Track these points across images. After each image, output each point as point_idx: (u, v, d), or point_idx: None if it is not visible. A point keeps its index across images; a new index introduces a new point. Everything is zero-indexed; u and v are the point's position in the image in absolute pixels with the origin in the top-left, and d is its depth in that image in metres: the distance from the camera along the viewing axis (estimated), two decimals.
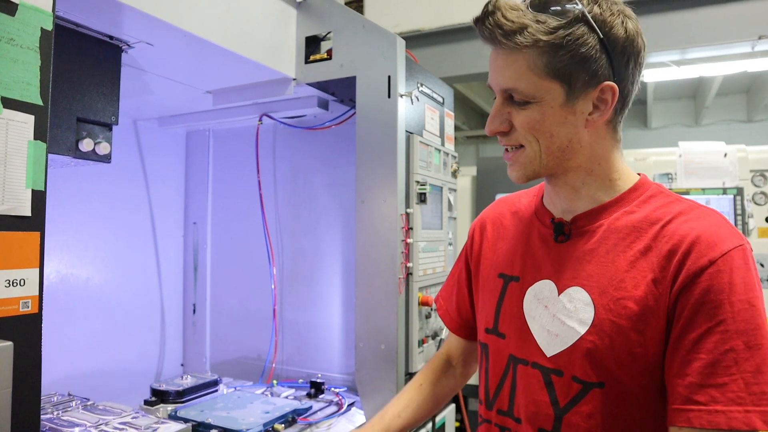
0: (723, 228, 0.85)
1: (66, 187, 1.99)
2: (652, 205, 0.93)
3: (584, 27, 0.84)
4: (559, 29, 0.84)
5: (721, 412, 0.77)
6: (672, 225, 0.88)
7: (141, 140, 2.35)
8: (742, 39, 2.85)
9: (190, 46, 1.53)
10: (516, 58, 0.86)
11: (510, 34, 0.85)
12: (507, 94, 0.91)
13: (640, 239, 0.89)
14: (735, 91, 5.60)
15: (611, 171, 0.96)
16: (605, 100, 0.89)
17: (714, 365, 0.78)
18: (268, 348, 2.31)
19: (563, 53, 0.84)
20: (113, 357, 2.17)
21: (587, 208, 0.97)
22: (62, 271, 1.99)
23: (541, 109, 0.88)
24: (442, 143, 2.07)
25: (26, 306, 0.80)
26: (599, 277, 0.90)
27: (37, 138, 0.82)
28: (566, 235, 0.98)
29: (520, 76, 0.87)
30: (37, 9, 0.82)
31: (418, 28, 3.46)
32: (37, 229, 0.82)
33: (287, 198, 2.36)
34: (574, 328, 0.90)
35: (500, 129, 0.93)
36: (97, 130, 1.47)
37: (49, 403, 1.60)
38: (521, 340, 0.99)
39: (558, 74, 0.86)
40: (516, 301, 1.02)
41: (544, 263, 0.99)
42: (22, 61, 0.80)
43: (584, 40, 0.84)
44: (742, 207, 3.01)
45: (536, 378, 0.95)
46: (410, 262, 1.74)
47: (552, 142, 0.91)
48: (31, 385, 0.82)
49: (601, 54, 0.86)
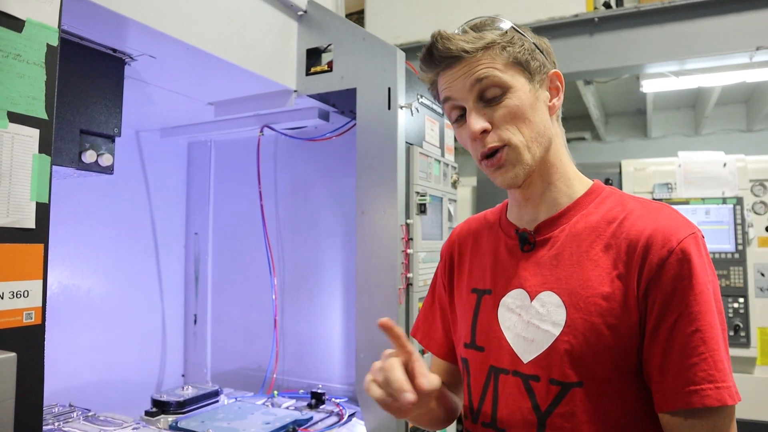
0: (674, 220, 0.91)
1: (68, 198, 2.00)
2: (607, 205, 0.98)
3: (517, 33, 0.98)
4: (505, 33, 0.96)
5: (695, 392, 0.82)
6: (628, 221, 0.93)
7: (143, 151, 2.36)
8: (741, 50, 2.87)
9: (192, 59, 1.55)
10: (480, 58, 0.94)
11: (471, 42, 0.94)
12: (478, 93, 0.95)
13: (600, 238, 0.94)
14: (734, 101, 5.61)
15: (569, 168, 1.03)
16: (557, 86, 1.01)
17: (685, 348, 0.83)
18: (268, 359, 2.31)
19: (515, 47, 0.95)
20: (114, 367, 2.17)
21: (548, 215, 1.01)
22: (64, 282, 2.00)
23: (515, 95, 0.94)
24: (442, 154, 2.08)
25: (29, 317, 0.81)
26: (567, 279, 0.94)
27: (42, 151, 0.83)
28: (532, 245, 1.01)
29: (491, 66, 0.94)
30: (43, 25, 0.84)
31: (418, 40, 3.48)
32: (41, 242, 0.83)
33: (288, 209, 2.37)
34: (549, 330, 0.93)
35: (485, 126, 0.95)
36: (99, 142, 1.48)
37: (51, 414, 1.60)
38: (498, 350, 1.00)
39: (518, 62, 0.96)
40: (490, 313, 1.04)
41: (513, 274, 1.02)
42: (28, 76, 0.81)
43: (523, 39, 0.97)
44: (742, 216, 3.01)
45: (517, 386, 0.96)
46: (410, 272, 1.74)
47: (532, 128, 0.96)
48: (34, 397, 0.83)
49: (536, 50, 0.99)
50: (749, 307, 2.94)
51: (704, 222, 3.10)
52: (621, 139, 6.10)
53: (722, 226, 3.06)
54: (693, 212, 3.12)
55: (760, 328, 2.93)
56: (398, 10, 3.63)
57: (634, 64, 3.08)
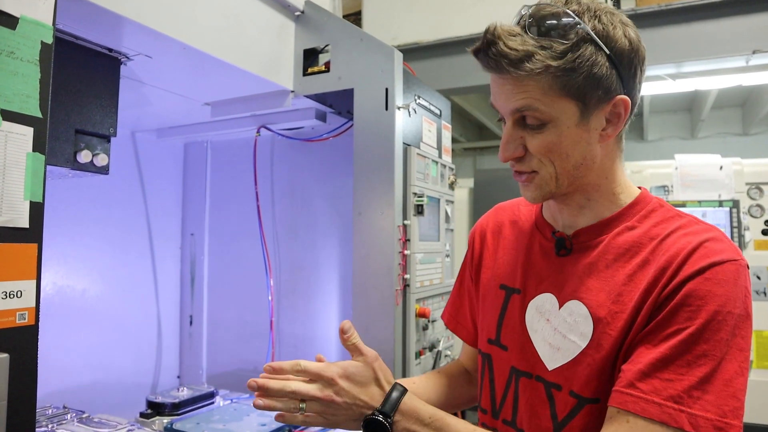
0: (719, 242, 0.85)
1: (63, 198, 1.99)
2: (653, 220, 0.93)
3: (591, 46, 0.83)
4: (567, 53, 0.82)
5: (656, 404, 0.78)
6: (670, 239, 0.88)
7: (139, 152, 2.35)
8: (737, 53, 2.87)
9: (188, 59, 1.54)
10: (527, 83, 0.84)
11: (517, 63, 0.82)
12: (519, 116, 0.88)
13: (640, 254, 0.89)
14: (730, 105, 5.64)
15: (615, 185, 0.96)
16: (618, 113, 0.89)
17: (667, 361, 0.79)
18: (264, 360, 2.30)
19: (576, 75, 0.82)
20: (109, 369, 2.16)
21: (589, 223, 0.97)
22: (58, 283, 1.98)
23: (557, 131, 0.86)
24: (440, 155, 2.08)
25: (23, 318, 0.80)
26: (598, 291, 0.90)
27: (36, 150, 0.82)
28: (568, 250, 0.98)
29: (534, 99, 0.85)
30: (37, 23, 0.83)
31: (416, 41, 3.49)
32: (35, 241, 0.82)
33: (285, 210, 2.37)
34: (575, 341, 0.90)
35: (515, 155, 0.90)
36: (95, 142, 1.47)
37: (44, 415, 1.59)
38: (523, 352, 0.99)
39: (572, 94, 0.84)
40: (518, 314, 1.01)
41: (545, 276, 0.99)
42: (22, 74, 0.81)
43: (594, 60, 0.83)
44: (738, 219, 3.02)
45: (539, 391, 0.95)
46: (407, 273, 1.74)
47: (567, 163, 0.89)
48: (27, 398, 0.82)
49: (611, 70, 0.84)
50: None
51: None
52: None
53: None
54: None
55: (756, 332, 2.93)
56: (396, 11, 3.62)
57: None
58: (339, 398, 0.91)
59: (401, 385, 0.95)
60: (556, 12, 0.84)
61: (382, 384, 0.94)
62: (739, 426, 0.78)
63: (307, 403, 0.92)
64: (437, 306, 1.96)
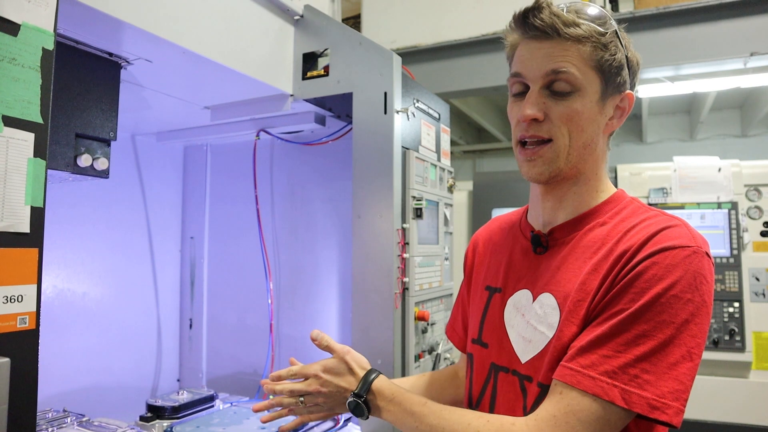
0: (677, 229, 0.88)
1: (64, 202, 1.99)
2: (622, 215, 0.97)
3: (618, 41, 0.95)
4: (606, 34, 0.93)
5: (590, 377, 0.81)
6: (634, 230, 0.91)
7: (139, 155, 2.36)
8: (735, 55, 2.88)
9: (188, 63, 1.55)
10: (568, 47, 0.92)
11: (570, 25, 0.91)
12: (548, 81, 0.93)
13: (605, 245, 0.93)
14: (729, 106, 5.65)
15: (599, 182, 1.02)
16: (623, 108, 1.00)
17: (607, 338, 0.82)
18: (264, 363, 2.30)
19: (608, 54, 0.93)
20: (109, 372, 2.16)
21: (565, 219, 1.01)
22: (59, 286, 1.99)
23: (582, 101, 0.93)
24: (438, 158, 2.08)
25: (23, 322, 0.81)
26: (566, 282, 0.94)
27: (37, 155, 0.83)
28: (544, 247, 1.02)
29: (573, 62, 0.92)
30: (38, 29, 0.84)
31: (415, 44, 3.50)
32: (36, 246, 0.83)
33: (284, 213, 2.37)
34: (544, 332, 0.94)
35: (537, 116, 0.94)
36: (95, 146, 1.48)
37: (44, 419, 1.59)
38: (501, 348, 1.03)
39: (602, 69, 0.93)
40: (498, 312, 1.06)
41: (523, 274, 1.04)
42: (23, 80, 0.81)
43: (619, 49, 0.95)
44: (737, 221, 3.03)
45: (514, 385, 0.99)
46: (406, 276, 1.74)
47: (580, 137, 0.95)
48: (28, 402, 0.82)
49: (626, 66, 0.97)
50: (744, 311, 2.95)
51: (700, 227, 3.11)
52: (616, 144, 6.12)
53: (717, 231, 3.07)
54: (688, 217, 3.13)
55: (755, 333, 2.94)
56: (394, 15, 3.64)
57: None
58: (324, 389, 1.12)
59: (375, 370, 1.10)
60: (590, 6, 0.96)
61: (356, 371, 1.10)
62: (679, 408, 0.79)
63: (305, 398, 1.14)
64: (436, 309, 1.96)
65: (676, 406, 0.78)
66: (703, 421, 2.94)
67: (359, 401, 1.06)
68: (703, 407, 2.96)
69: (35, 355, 0.83)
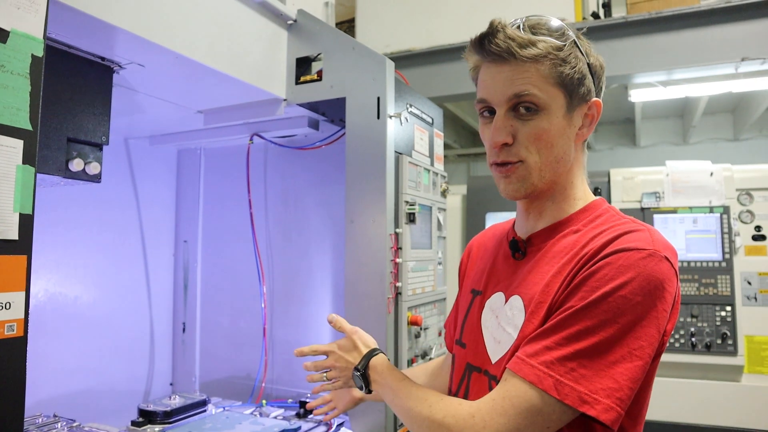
0: (637, 233, 0.89)
1: (56, 205, 1.99)
2: (596, 223, 0.98)
3: (577, 50, 0.95)
4: (564, 47, 0.93)
5: (530, 366, 0.84)
6: (600, 235, 0.92)
7: (132, 158, 2.35)
8: (726, 60, 2.90)
9: (180, 67, 1.55)
10: (527, 68, 0.92)
11: (525, 46, 0.91)
12: (512, 104, 0.95)
13: (573, 251, 0.94)
14: (721, 110, 5.67)
15: (576, 190, 1.04)
16: (592, 115, 1.00)
17: (553, 331, 0.85)
18: (257, 367, 2.30)
19: (568, 67, 0.93)
20: (101, 376, 2.15)
21: (544, 227, 1.04)
22: (50, 290, 1.98)
23: (548, 119, 0.94)
24: (432, 163, 2.09)
25: (11, 329, 0.80)
26: (533, 285, 0.96)
27: (26, 162, 0.82)
28: (522, 253, 1.05)
29: (534, 83, 0.92)
30: (28, 36, 0.84)
31: (409, 48, 3.50)
32: (24, 253, 0.82)
33: (278, 217, 2.37)
34: (510, 333, 0.96)
35: (506, 140, 0.95)
36: (87, 150, 1.48)
37: (34, 424, 1.59)
38: (476, 349, 1.06)
39: (564, 84, 0.94)
40: (477, 313, 1.10)
41: (502, 278, 1.08)
42: (12, 87, 0.81)
43: (579, 59, 0.95)
44: (729, 225, 3.04)
45: (484, 384, 1.02)
46: (399, 281, 1.74)
47: (551, 153, 0.96)
48: (14, 409, 0.82)
49: (588, 74, 0.97)
50: (736, 315, 2.96)
51: (692, 231, 3.12)
52: (610, 148, 6.15)
53: (709, 235, 3.08)
54: (681, 221, 3.14)
55: (747, 337, 2.95)
56: (389, 19, 3.64)
57: (622, 73, 3.11)
58: (338, 363, 1.23)
59: (378, 349, 1.20)
60: (547, 20, 0.97)
61: (360, 349, 1.21)
62: (609, 405, 0.80)
63: (327, 373, 1.27)
64: (429, 314, 1.96)
65: (606, 403, 0.80)
66: (696, 425, 2.95)
67: (360, 375, 1.16)
68: (695, 411, 2.96)
69: (23, 362, 0.82)
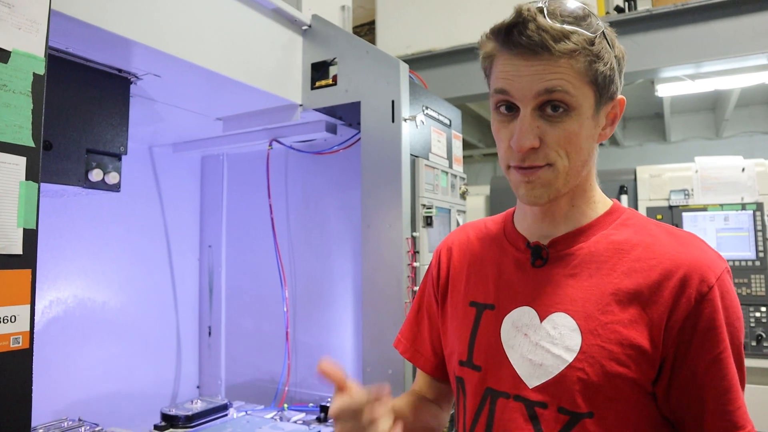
0: (709, 252, 0.86)
1: (82, 213, 2.04)
2: (630, 227, 0.92)
3: (606, 42, 0.84)
4: (595, 40, 0.82)
5: None
6: (657, 247, 0.86)
7: (156, 166, 2.40)
8: (758, 51, 2.80)
9: (196, 77, 1.57)
10: (561, 63, 0.81)
11: (559, 39, 0.80)
12: (540, 101, 0.83)
13: (623, 261, 0.87)
14: (756, 102, 5.49)
15: (594, 192, 0.96)
16: (615, 114, 0.91)
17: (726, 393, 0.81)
18: (281, 370, 2.32)
19: (600, 63, 0.83)
20: (130, 380, 2.20)
21: (566, 231, 0.94)
22: (79, 296, 2.03)
23: (579, 120, 0.84)
24: (450, 165, 2.07)
25: (17, 342, 0.82)
26: (584, 302, 0.87)
27: (29, 179, 0.84)
28: (544, 260, 0.94)
29: (567, 80, 0.81)
30: (29, 55, 0.86)
31: (430, 48, 3.48)
32: (29, 267, 0.85)
33: (299, 221, 2.38)
34: (561, 355, 0.86)
35: (534, 145, 0.84)
36: (106, 161, 1.51)
37: (59, 428, 1.63)
38: (499, 371, 0.93)
39: (596, 82, 0.84)
40: (492, 331, 0.96)
41: (520, 290, 0.95)
42: (15, 106, 0.83)
43: (610, 54, 0.84)
44: (762, 223, 2.94)
45: (519, 412, 0.89)
46: (417, 286, 1.73)
47: (579, 157, 0.87)
48: (22, 421, 0.84)
49: (616, 69, 0.87)
50: None
51: (723, 229, 3.02)
52: (639, 144, 6.00)
53: (742, 233, 2.99)
54: (711, 219, 3.05)
55: None
56: (409, 20, 3.63)
57: (648, 68, 3.03)
58: None
59: None
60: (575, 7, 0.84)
61: None
62: None
63: None
64: None
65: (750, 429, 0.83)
66: None
67: None
68: None
69: (29, 374, 0.84)
